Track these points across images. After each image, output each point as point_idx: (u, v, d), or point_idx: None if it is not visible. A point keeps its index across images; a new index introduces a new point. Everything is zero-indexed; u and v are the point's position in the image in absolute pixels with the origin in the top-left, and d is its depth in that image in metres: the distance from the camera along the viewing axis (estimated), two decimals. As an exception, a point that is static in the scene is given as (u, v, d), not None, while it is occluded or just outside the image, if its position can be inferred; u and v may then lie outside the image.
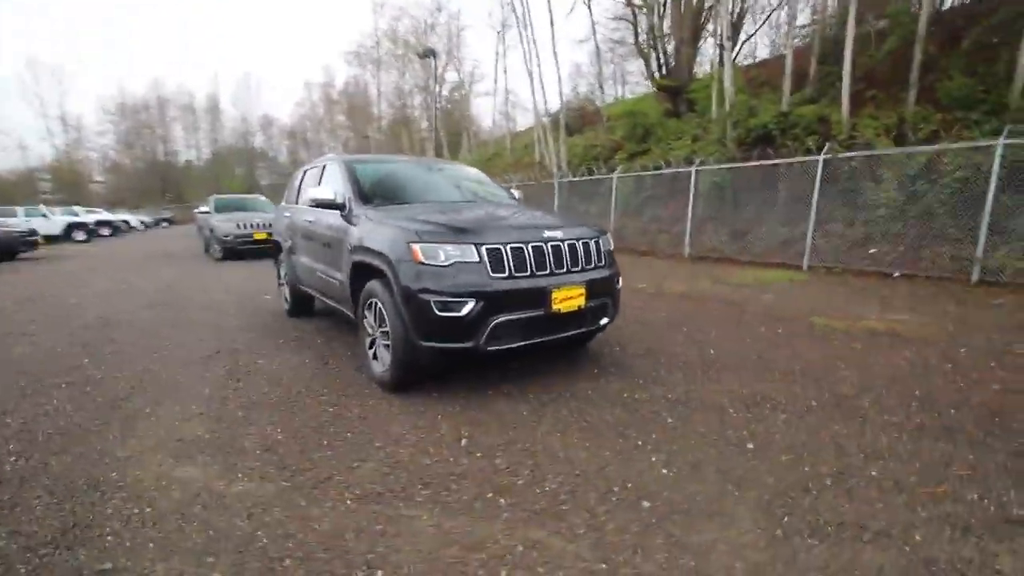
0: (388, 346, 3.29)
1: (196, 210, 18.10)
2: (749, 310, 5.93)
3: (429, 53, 23.71)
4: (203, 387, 3.58)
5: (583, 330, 3.49)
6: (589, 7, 22.94)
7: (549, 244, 3.25)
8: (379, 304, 3.31)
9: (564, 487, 2.30)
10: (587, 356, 4.19)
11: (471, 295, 2.93)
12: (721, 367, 3.89)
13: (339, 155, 4.67)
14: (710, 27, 18.88)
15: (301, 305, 5.55)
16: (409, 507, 2.16)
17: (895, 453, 2.57)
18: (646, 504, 2.16)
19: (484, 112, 41.19)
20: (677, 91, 18.72)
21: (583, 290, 3.32)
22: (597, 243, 3.56)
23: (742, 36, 16.85)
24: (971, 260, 7.27)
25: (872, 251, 9.18)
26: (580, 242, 3.42)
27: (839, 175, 9.22)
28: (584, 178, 15.34)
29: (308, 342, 4.74)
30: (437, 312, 2.93)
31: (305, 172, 5.29)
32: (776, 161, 10.01)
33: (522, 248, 3.14)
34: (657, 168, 12.60)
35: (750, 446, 2.65)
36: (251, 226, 11.75)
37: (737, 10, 17.82)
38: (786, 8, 17.05)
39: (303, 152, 74.54)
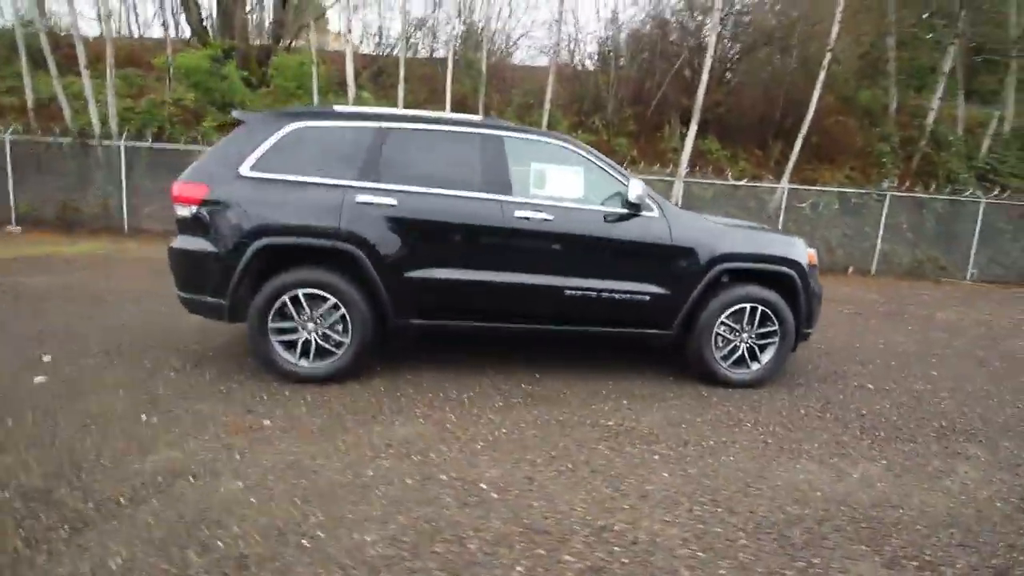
0: (761, 347, 3.84)
1: None
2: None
3: None
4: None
5: None
6: None
7: None
8: (762, 309, 3.73)
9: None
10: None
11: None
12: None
13: (562, 135, 4.19)
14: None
15: (369, 352, 3.63)
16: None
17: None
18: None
19: None
20: (229, 53, 16.51)
21: None
22: None
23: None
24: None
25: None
26: None
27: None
28: (171, 146, 12.00)
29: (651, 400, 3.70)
30: (819, 304, 4.02)
31: (389, 134, 3.55)
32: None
33: None
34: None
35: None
36: None
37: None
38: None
39: None
